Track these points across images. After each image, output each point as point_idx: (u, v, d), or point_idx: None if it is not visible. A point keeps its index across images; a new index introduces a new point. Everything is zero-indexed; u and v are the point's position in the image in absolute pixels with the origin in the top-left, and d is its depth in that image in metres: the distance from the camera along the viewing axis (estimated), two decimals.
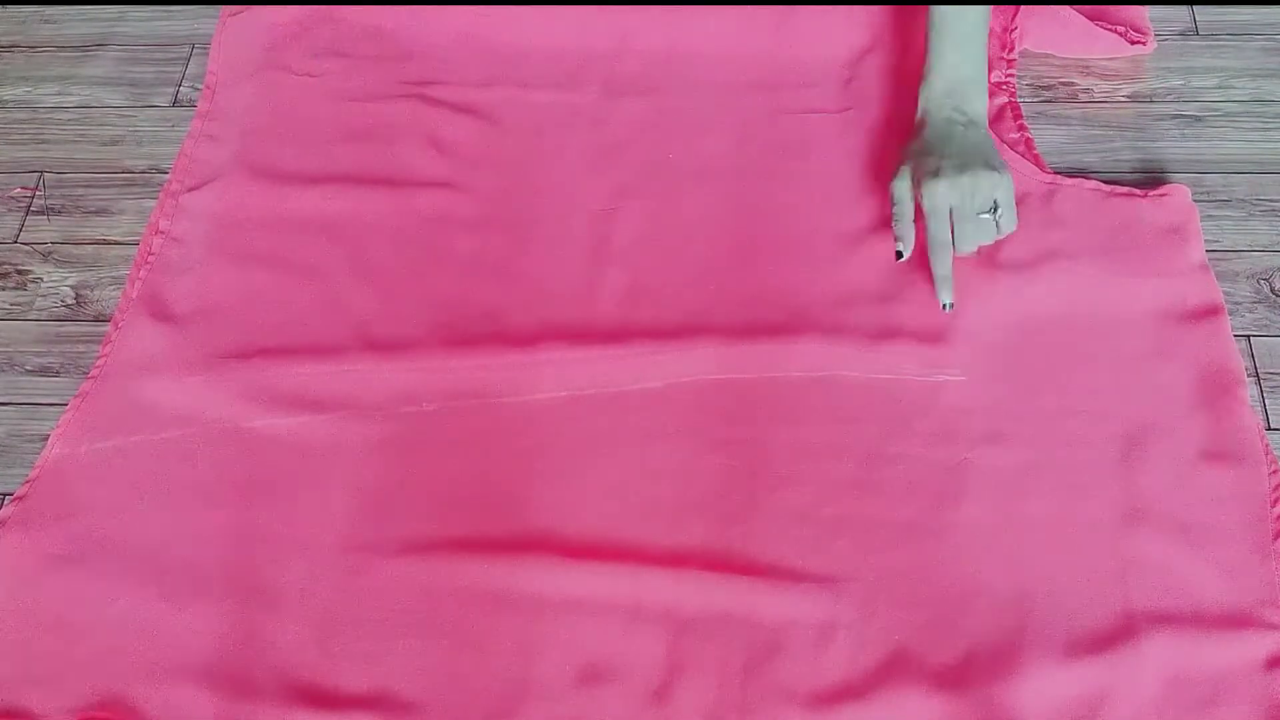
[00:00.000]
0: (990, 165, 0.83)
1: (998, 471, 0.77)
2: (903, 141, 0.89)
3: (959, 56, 0.87)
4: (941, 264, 0.81)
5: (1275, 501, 0.75)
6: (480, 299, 0.86)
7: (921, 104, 0.88)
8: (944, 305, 0.81)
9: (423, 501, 0.77)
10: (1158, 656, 0.69)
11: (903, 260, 0.83)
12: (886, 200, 0.89)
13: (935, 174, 0.82)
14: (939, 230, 0.82)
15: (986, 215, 0.82)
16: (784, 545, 0.74)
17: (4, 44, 1.09)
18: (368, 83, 1.00)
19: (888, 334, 0.82)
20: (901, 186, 0.85)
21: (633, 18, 1.01)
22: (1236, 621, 0.70)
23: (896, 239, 0.83)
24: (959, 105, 0.87)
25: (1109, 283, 0.84)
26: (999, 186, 0.82)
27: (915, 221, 0.84)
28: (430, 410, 0.81)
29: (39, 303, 0.90)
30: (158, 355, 0.84)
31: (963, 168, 0.82)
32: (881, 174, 0.91)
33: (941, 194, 0.82)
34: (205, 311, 0.86)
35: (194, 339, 0.84)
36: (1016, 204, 0.86)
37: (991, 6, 0.99)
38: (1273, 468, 0.76)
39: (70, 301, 0.90)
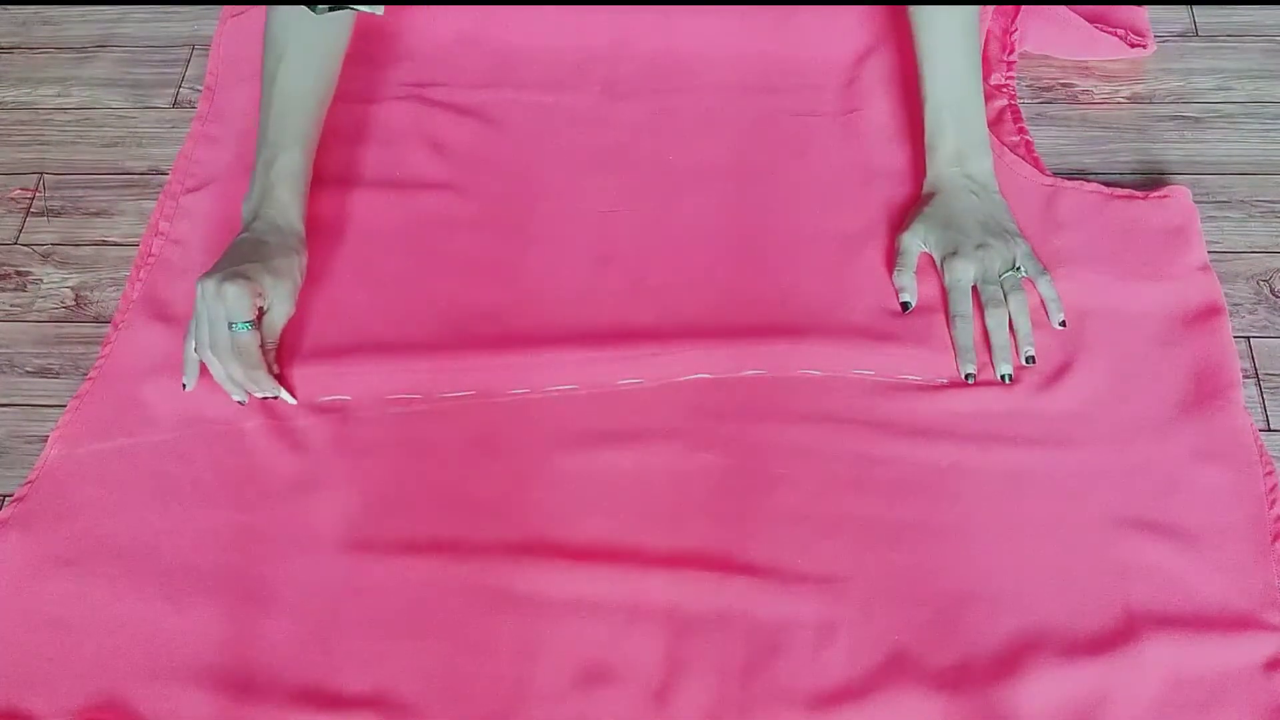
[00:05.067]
0: (1006, 232, 0.84)
1: (994, 472, 0.77)
2: (914, 198, 0.89)
3: (959, 124, 0.88)
4: (964, 334, 0.82)
5: (1272, 503, 0.75)
6: (480, 300, 0.86)
7: (931, 171, 0.88)
8: (966, 376, 0.80)
9: (422, 502, 0.77)
10: (1157, 658, 0.69)
11: (910, 310, 0.83)
12: (886, 204, 0.90)
13: (955, 253, 0.83)
14: (961, 304, 0.82)
15: (1009, 273, 0.83)
16: (783, 545, 0.74)
17: (4, 45, 1.09)
18: (367, 84, 1.00)
19: (886, 336, 0.82)
20: (911, 240, 0.85)
21: (633, 19, 1.01)
22: (1235, 623, 0.70)
23: (900, 289, 0.84)
24: (968, 171, 0.87)
25: (1110, 285, 0.84)
26: (1016, 249, 0.84)
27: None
28: (430, 410, 0.81)
29: (39, 304, 0.90)
30: (157, 356, 0.83)
31: (981, 244, 0.83)
32: (879, 181, 0.91)
33: (962, 270, 0.83)
34: None
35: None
36: (1015, 208, 0.87)
37: (990, 9, 1.00)
38: (1267, 469, 0.76)
39: (70, 303, 0.90)
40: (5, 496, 0.80)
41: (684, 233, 0.89)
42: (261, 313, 0.80)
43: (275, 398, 0.80)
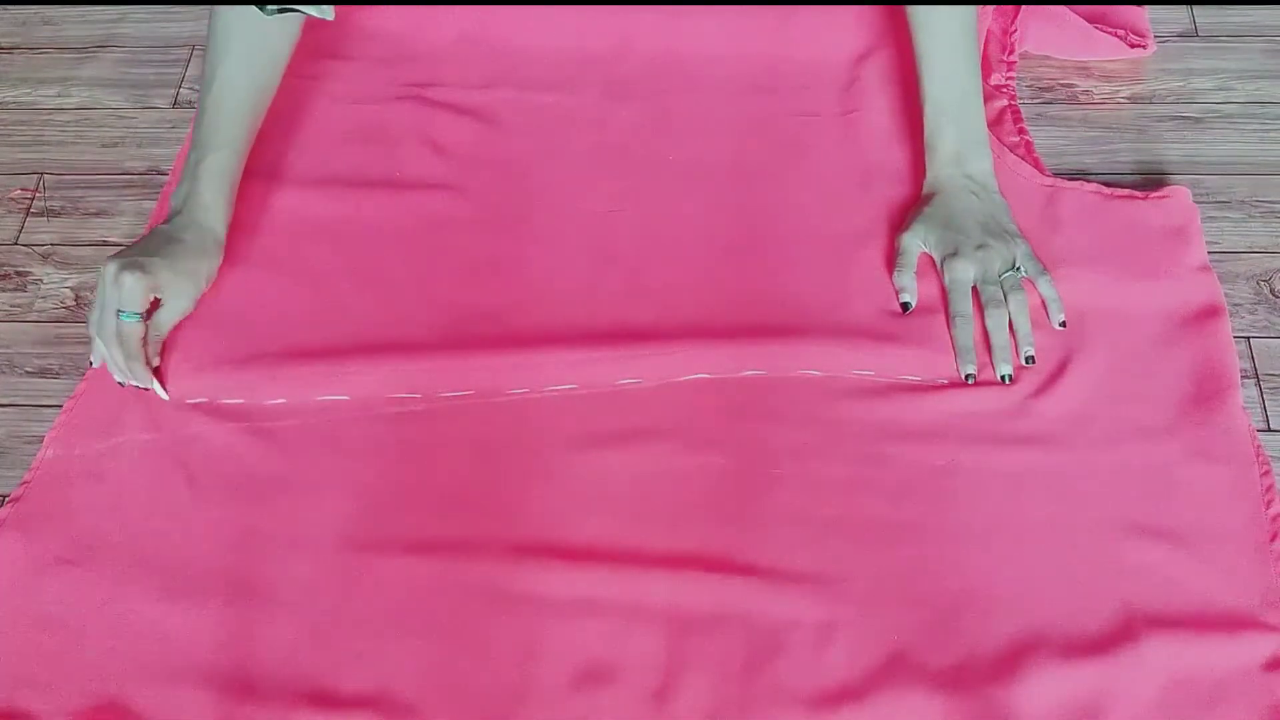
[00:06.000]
0: (1006, 232, 0.84)
1: (994, 472, 0.77)
2: (914, 199, 0.89)
3: (959, 125, 0.88)
4: (964, 335, 0.81)
5: (1269, 503, 0.75)
6: (480, 300, 0.86)
7: (930, 172, 0.88)
8: (966, 377, 0.80)
9: (422, 502, 0.77)
10: (1156, 658, 0.69)
11: (910, 310, 0.83)
12: (886, 205, 0.90)
13: (955, 253, 0.83)
14: (961, 304, 0.82)
15: (1009, 274, 0.83)
16: (782, 545, 0.74)
17: (4, 45, 1.09)
18: (368, 84, 1.00)
19: (886, 336, 0.82)
20: (911, 241, 0.85)
21: (633, 19, 1.01)
22: (1235, 623, 0.70)
23: (900, 289, 0.84)
24: (968, 172, 0.87)
25: (1109, 285, 0.84)
26: (1016, 250, 0.84)
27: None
28: (429, 410, 0.81)
29: (39, 304, 0.90)
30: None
31: (980, 245, 0.83)
32: (879, 181, 0.91)
33: (962, 270, 0.83)
34: (203, 313, 0.86)
35: (192, 340, 0.84)
36: (1015, 208, 0.87)
37: (990, 9, 1.00)
38: (1263, 469, 0.76)
39: (70, 303, 0.90)
40: (3, 496, 0.80)
41: (684, 233, 0.89)
42: (158, 303, 0.81)
43: (148, 389, 0.81)
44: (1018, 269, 0.83)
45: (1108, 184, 0.90)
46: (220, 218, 0.85)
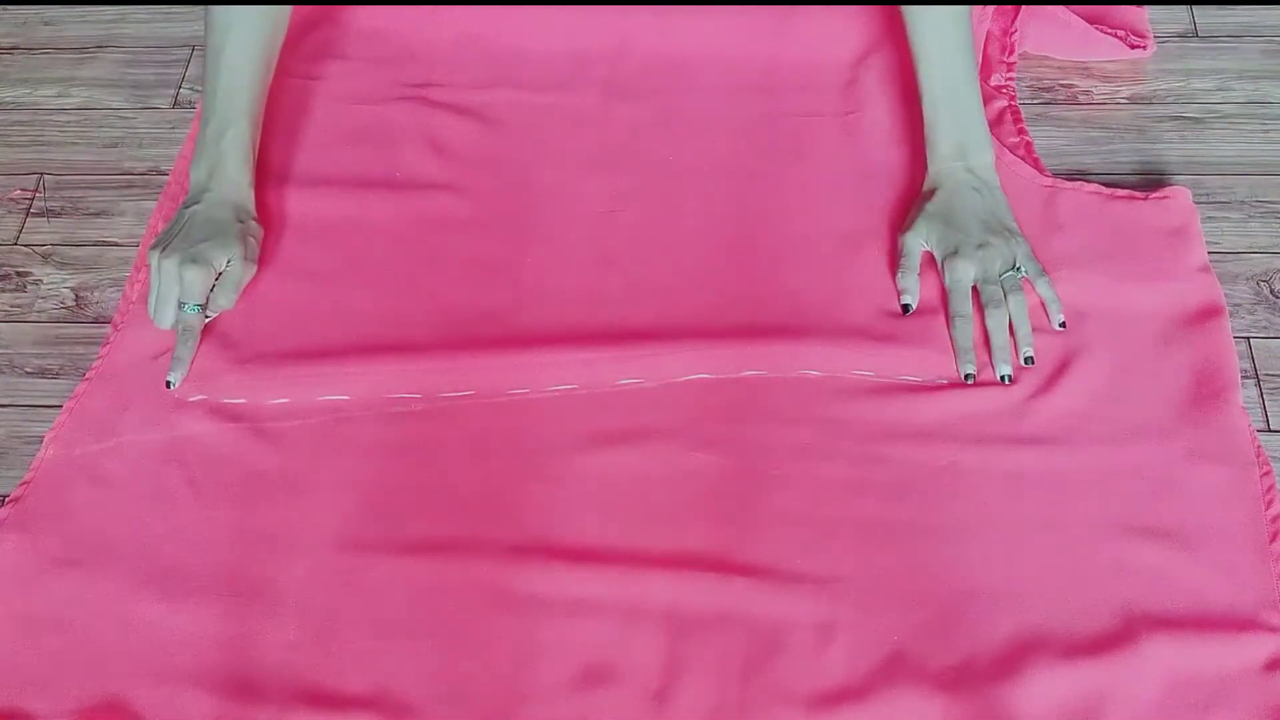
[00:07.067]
0: (1007, 230, 0.84)
1: (993, 473, 0.77)
2: (914, 199, 0.89)
3: (957, 120, 0.88)
4: (963, 335, 0.81)
5: (1269, 503, 0.75)
6: (480, 301, 0.86)
7: (932, 167, 0.88)
8: (966, 377, 0.80)
9: (422, 502, 0.77)
10: (1157, 659, 0.69)
11: (910, 313, 0.83)
12: (886, 205, 0.90)
13: (955, 252, 0.83)
14: (961, 305, 0.82)
15: (1009, 274, 0.83)
16: (781, 546, 0.74)
17: (4, 45, 1.09)
18: (368, 85, 1.00)
19: (886, 337, 0.82)
20: (914, 240, 0.85)
21: (633, 20, 1.01)
22: (1235, 624, 0.70)
23: (902, 290, 0.84)
24: (970, 166, 0.87)
25: (1109, 286, 0.84)
26: (1017, 249, 0.84)
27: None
28: (429, 410, 0.81)
29: (39, 304, 0.90)
30: (156, 357, 0.83)
31: (982, 244, 0.83)
32: (879, 182, 0.91)
33: (962, 269, 0.83)
34: None
35: None
36: (1015, 209, 0.87)
37: (991, 9, 1.00)
38: (1264, 469, 0.76)
39: (70, 303, 0.90)
40: (3, 497, 0.80)
41: (684, 233, 0.89)
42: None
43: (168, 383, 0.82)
44: (1018, 269, 0.83)
45: (1108, 184, 0.90)
46: (248, 190, 0.88)
